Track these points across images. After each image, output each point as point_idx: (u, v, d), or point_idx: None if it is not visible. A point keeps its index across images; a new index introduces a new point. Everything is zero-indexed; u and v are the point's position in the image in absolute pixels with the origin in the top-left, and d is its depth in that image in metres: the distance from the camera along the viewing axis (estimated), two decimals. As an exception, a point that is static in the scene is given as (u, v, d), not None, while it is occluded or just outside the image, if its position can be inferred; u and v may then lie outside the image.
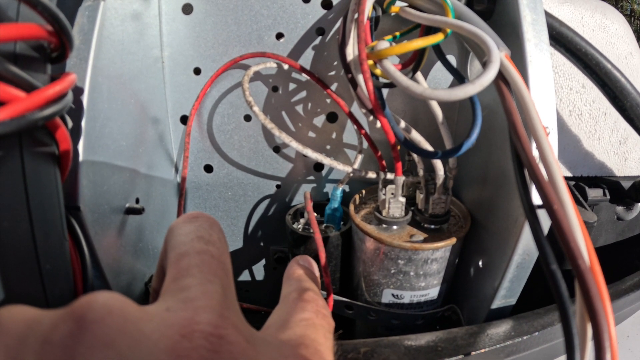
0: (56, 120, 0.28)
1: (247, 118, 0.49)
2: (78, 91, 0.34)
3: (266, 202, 0.53)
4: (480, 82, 0.29)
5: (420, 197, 0.42)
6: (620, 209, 0.59)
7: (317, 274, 0.31)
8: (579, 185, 0.53)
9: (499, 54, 0.31)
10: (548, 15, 0.44)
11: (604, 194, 0.55)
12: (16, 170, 0.26)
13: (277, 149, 0.50)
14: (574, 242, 0.24)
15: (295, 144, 0.39)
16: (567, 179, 0.55)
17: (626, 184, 0.56)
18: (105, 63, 0.37)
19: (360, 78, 0.34)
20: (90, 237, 0.35)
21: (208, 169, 0.52)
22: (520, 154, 0.29)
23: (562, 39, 0.46)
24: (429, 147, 0.38)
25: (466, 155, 0.37)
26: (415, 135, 0.39)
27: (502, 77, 0.32)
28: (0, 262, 0.25)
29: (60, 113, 0.27)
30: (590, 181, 0.56)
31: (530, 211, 0.27)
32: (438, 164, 0.40)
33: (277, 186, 0.52)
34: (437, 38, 0.33)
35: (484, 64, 0.31)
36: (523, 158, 0.28)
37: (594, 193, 0.54)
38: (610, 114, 0.56)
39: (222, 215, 0.54)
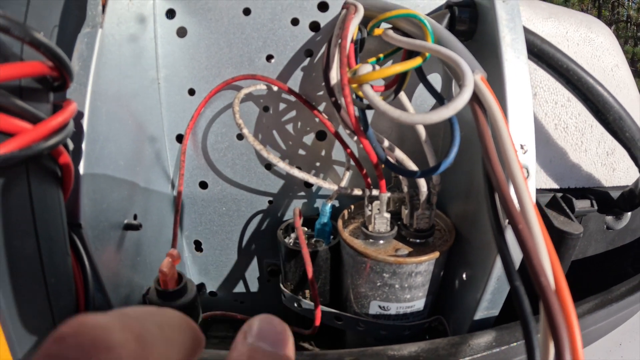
0: (59, 147, 0.30)
1: (240, 137, 0.51)
2: (78, 115, 0.37)
3: (259, 217, 0.55)
4: (454, 105, 0.31)
5: (405, 212, 0.43)
6: (609, 218, 0.60)
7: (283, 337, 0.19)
8: (566, 197, 0.54)
9: (472, 78, 0.32)
10: (530, 32, 0.45)
11: (592, 205, 0.55)
12: (23, 194, 0.28)
13: (269, 166, 0.52)
14: (537, 260, 0.25)
15: (282, 165, 0.40)
16: (554, 191, 0.56)
17: (615, 194, 0.57)
18: (103, 87, 0.39)
19: (342, 101, 0.36)
20: (90, 252, 0.36)
21: (203, 185, 0.54)
22: (490, 175, 0.30)
23: (543, 56, 0.47)
24: (412, 166, 0.40)
25: (450, 170, 0.38)
26: (399, 154, 0.40)
27: (477, 100, 0.33)
28: (11, 278, 0.27)
29: (64, 142, 0.30)
30: (577, 192, 0.57)
31: (498, 230, 0.29)
32: (421, 180, 0.41)
33: (270, 202, 0.54)
34: (416, 62, 0.34)
35: (460, 87, 0.33)
36: (492, 179, 0.30)
37: (582, 204, 0.55)
38: (596, 125, 0.57)
39: (217, 230, 0.56)
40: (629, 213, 0.59)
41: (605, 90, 0.48)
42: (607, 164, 0.59)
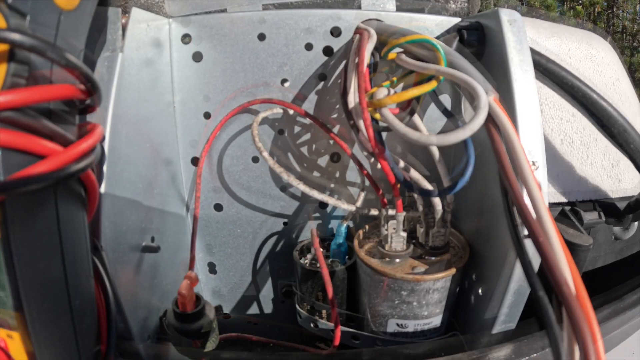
0: (88, 170, 0.31)
1: (255, 160, 0.52)
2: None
3: (274, 238, 0.55)
4: (470, 127, 0.32)
5: (420, 230, 0.44)
6: (617, 229, 0.61)
7: None
8: (574, 209, 0.55)
9: (487, 100, 0.33)
10: (536, 52, 0.47)
11: (600, 217, 0.56)
12: (51, 216, 0.28)
13: (283, 189, 0.53)
14: (558, 272, 0.26)
15: (302, 187, 0.41)
16: (562, 204, 0.57)
17: (621, 205, 0.58)
18: (123, 110, 0.39)
19: (361, 124, 0.37)
20: (110, 274, 0.37)
21: (218, 207, 0.54)
22: (508, 192, 0.31)
23: (549, 74, 0.49)
24: (427, 186, 0.41)
25: (463, 188, 0.39)
26: (414, 174, 0.41)
27: (491, 120, 0.34)
28: (38, 300, 0.27)
29: (93, 165, 0.30)
30: (585, 205, 0.57)
31: (518, 243, 0.30)
32: (436, 199, 0.42)
33: (284, 223, 0.55)
34: (431, 86, 0.35)
35: (474, 108, 0.34)
36: (510, 195, 0.31)
37: (590, 216, 0.55)
38: (601, 139, 0.58)
39: (232, 252, 0.56)
40: (636, 223, 0.60)
41: (609, 104, 0.50)
42: (612, 176, 0.60)
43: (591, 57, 0.60)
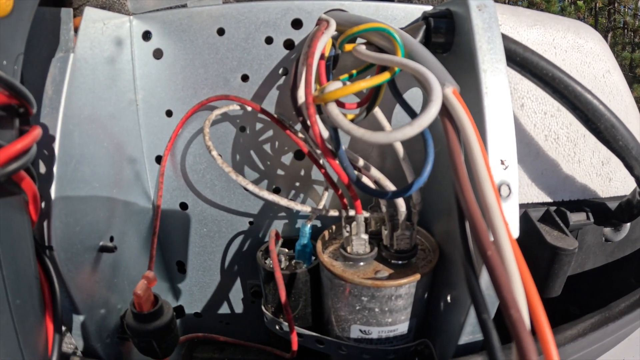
0: (20, 172, 0.30)
1: (218, 157, 0.50)
2: (50, 139, 0.36)
3: (240, 237, 0.54)
4: (419, 123, 0.29)
5: (385, 233, 0.42)
6: (607, 230, 0.58)
7: None
8: (559, 210, 0.52)
9: (440, 91, 0.30)
10: (511, 41, 0.44)
11: (588, 217, 0.53)
12: None
13: (248, 187, 0.51)
14: (507, 291, 0.24)
15: (251, 187, 0.39)
16: (547, 204, 0.54)
17: (612, 205, 0.55)
18: (76, 110, 0.38)
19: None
20: (62, 274, 0.36)
21: (183, 206, 0.53)
22: (458, 196, 0.29)
23: (527, 65, 0.45)
24: (388, 185, 0.39)
25: (433, 187, 0.36)
26: (376, 173, 0.39)
27: (447, 115, 0.32)
28: None
29: (24, 167, 0.30)
30: (572, 205, 0.54)
31: (466, 257, 0.27)
32: (400, 200, 0.39)
33: (250, 222, 0.53)
34: (383, 77, 0.33)
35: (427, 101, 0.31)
36: (461, 201, 0.28)
37: (577, 217, 0.53)
38: (589, 135, 0.55)
39: (199, 251, 0.55)
40: (628, 224, 0.57)
41: (594, 97, 0.46)
42: (602, 174, 0.57)
43: (579, 48, 0.56)
